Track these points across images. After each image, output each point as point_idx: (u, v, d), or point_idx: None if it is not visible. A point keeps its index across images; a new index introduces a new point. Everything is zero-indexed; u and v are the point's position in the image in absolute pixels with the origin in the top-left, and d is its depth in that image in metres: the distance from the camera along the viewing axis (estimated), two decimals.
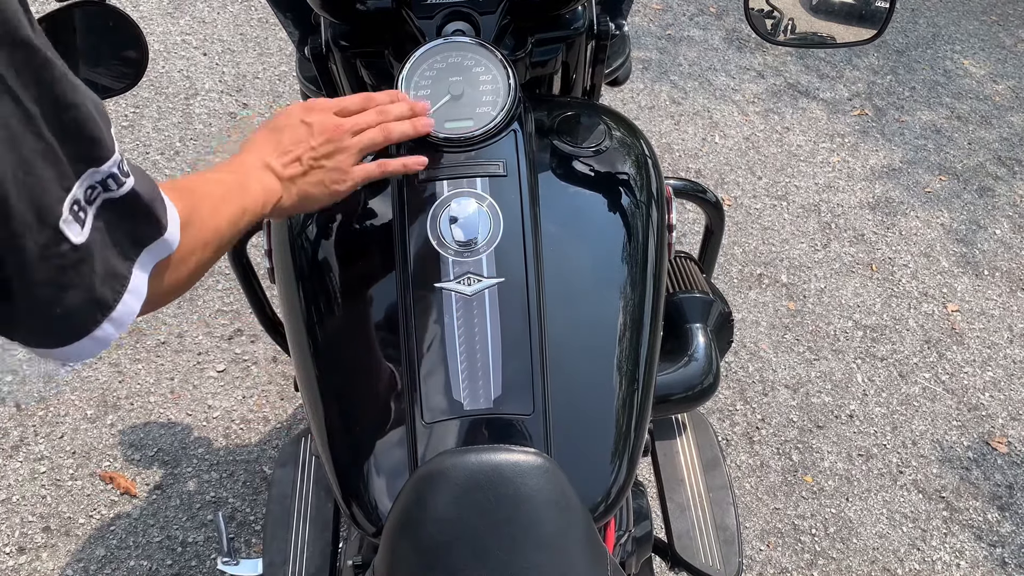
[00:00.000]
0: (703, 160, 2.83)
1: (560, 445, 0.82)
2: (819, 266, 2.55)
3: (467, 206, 0.88)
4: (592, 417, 0.86)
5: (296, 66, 1.38)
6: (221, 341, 1.99)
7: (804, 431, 2.09)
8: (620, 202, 0.96)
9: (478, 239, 0.86)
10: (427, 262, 0.86)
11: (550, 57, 1.10)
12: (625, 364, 0.88)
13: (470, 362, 0.84)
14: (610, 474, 0.85)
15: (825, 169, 2.91)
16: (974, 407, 2.23)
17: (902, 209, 2.81)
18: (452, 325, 0.85)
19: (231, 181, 0.74)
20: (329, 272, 0.93)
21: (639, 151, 1.03)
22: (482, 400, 0.82)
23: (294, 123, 0.83)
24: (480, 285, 0.86)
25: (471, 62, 0.94)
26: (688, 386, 1.14)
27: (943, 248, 2.70)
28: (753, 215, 2.67)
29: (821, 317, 2.39)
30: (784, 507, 1.92)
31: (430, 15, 0.99)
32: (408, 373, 0.83)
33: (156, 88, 2.63)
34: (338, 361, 0.89)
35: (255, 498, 1.70)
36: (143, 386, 1.89)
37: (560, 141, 0.96)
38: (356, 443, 0.86)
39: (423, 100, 0.92)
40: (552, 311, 0.86)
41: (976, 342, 2.41)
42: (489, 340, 0.84)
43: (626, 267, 0.92)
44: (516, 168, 0.90)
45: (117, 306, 0.54)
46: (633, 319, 0.90)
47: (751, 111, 3.11)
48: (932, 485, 2.03)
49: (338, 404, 0.88)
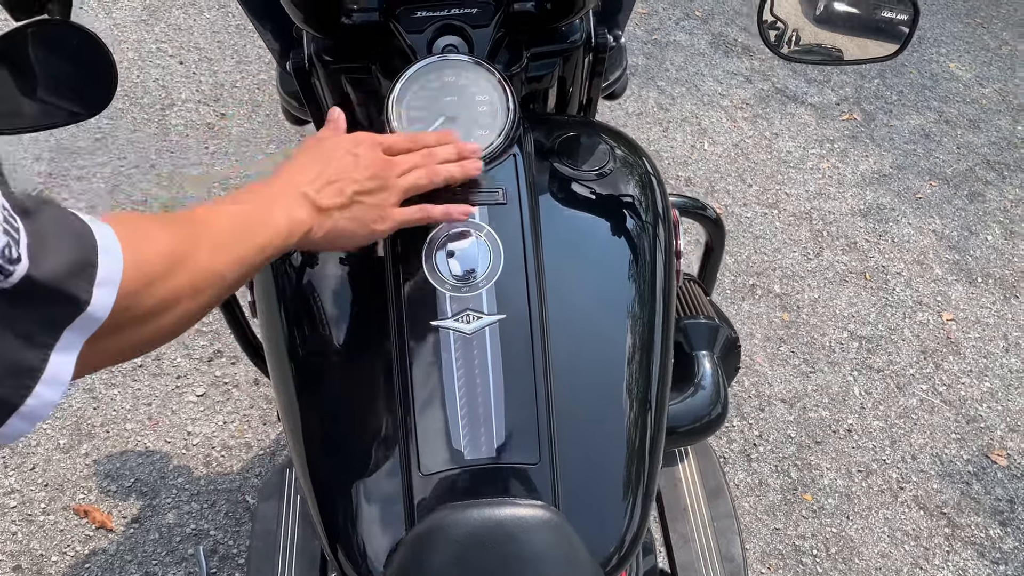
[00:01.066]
0: (693, 168, 2.79)
1: (568, 496, 0.76)
2: (812, 275, 2.51)
3: (465, 237, 0.82)
4: (602, 463, 0.80)
5: (276, 80, 1.31)
6: (200, 363, 1.91)
7: (802, 447, 2.04)
8: (626, 229, 0.90)
9: (477, 273, 0.80)
10: (422, 298, 0.80)
11: (546, 72, 1.04)
12: (635, 404, 0.82)
13: (470, 407, 0.78)
14: (623, 524, 0.79)
15: (815, 176, 2.87)
16: (972, 419, 2.19)
17: (894, 216, 2.78)
18: (451, 367, 0.79)
19: (248, 212, 0.67)
20: (315, 307, 0.87)
21: (644, 172, 0.97)
22: (484, 449, 0.76)
23: (341, 153, 0.77)
24: (480, 323, 0.80)
25: (466, 81, 0.88)
26: (696, 417, 1.09)
27: (936, 255, 2.67)
28: (744, 224, 2.63)
29: (816, 328, 2.35)
30: (784, 527, 1.87)
31: (420, 29, 0.93)
32: (403, 419, 0.77)
33: (131, 98, 2.55)
34: (326, 404, 0.83)
35: (238, 529, 1.63)
36: (119, 412, 1.81)
37: (561, 164, 0.91)
38: (346, 493, 0.80)
39: (416, 124, 0.86)
40: (557, 349, 0.80)
41: (972, 351, 2.38)
42: (491, 382, 0.78)
43: (635, 300, 0.86)
44: (516, 195, 0.84)
45: (25, 402, 0.46)
46: (643, 355, 0.84)
47: (739, 117, 3.06)
48: (933, 501, 1.99)
49: (326, 451, 0.82)
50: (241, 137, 2.50)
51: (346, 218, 0.75)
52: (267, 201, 0.70)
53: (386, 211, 0.77)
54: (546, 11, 0.94)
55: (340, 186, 0.74)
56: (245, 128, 2.54)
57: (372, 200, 0.76)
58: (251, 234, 0.66)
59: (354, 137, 0.79)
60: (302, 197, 0.72)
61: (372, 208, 0.76)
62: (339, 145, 0.77)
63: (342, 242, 0.77)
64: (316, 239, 0.74)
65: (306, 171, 0.74)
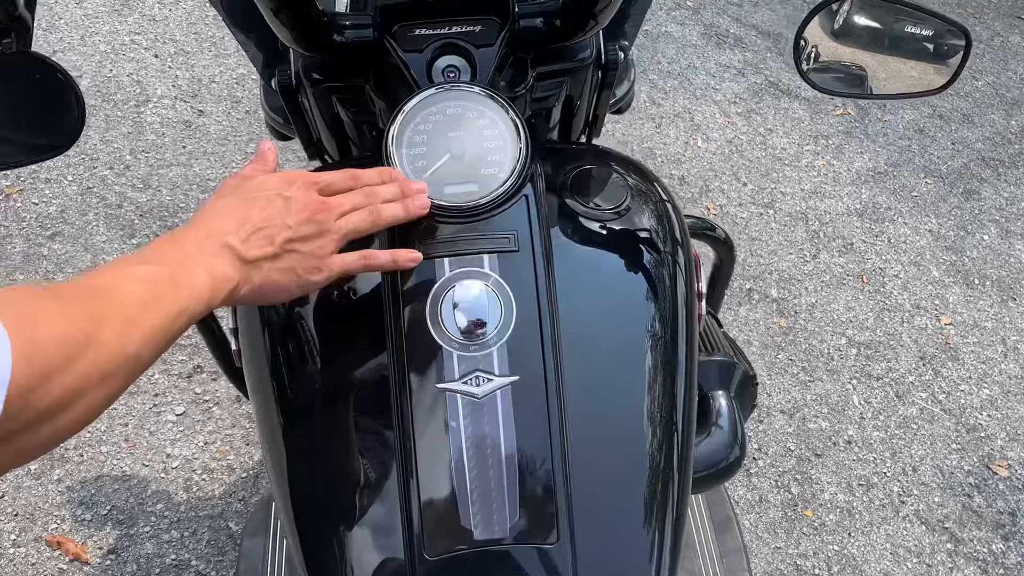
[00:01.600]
0: (687, 166, 2.72)
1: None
2: (809, 278, 2.45)
3: (472, 289, 0.74)
4: (626, 540, 0.73)
5: (261, 94, 1.22)
6: (179, 380, 1.82)
7: (802, 460, 1.99)
8: (647, 273, 0.82)
9: (487, 329, 0.73)
10: (427, 357, 0.73)
11: (553, 92, 0.97)
12: (660, 470, 0.76)
13: (482, 480, 0.71)
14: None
15: (811, 174, 2.81)
16: (972, 428, 2.15)
17: (889, 215, 2.73)
18: (459, 435, 0.72)
19: (161, 275, 0.58)
20: (308, 365, 0.79)
21: (661, 205, 0.90)
22: (497, 528, 0.70)
23: (269, 195, 0.68)
24: (491, 385, 0.72)
25: (473, 114, 0.80)
26: (712, 462, 1.02)
27: (932, 256, 2.62)
28: (740, 225, 2.56)
29: (814, 334, 2.30)
30: (785, 545, 1.82)
31: (419, 48, 0.85)
32: (406, 495, 0.70)
33: (103, 94, 2.43)
34: (319, 475, 0.75)
35: (221, 559, 1.56)
36: (93, 435, 1.72)
37: (576, 203, 0.83)
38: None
39: (419, 161, 0.78)
40: (575, 413, 0.73)
41: (971, 357, 2.33)
42: (503, 452, 0.72)
43: (657, 354, 0.79)
44: (529, 241, 0.77)
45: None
46: (667, 416, 0.77)
47: (733, 112, 2.99)
48: (935, 515, 1.95)
49: (321, 531, 0.74)
50: (220, 136, 2.40)
51: (277, 269, 0.67)
52: (183, 258, 0.61)
53: (323, 260, 0.69)
54: (555, 29, 0.86)
55: (269, 234, 0.66)
56: (224, 126, 2.43)
57: (307, 248, 0.68)
58: (166, 301, 0.57)
59: (284, 176, 0.70)
60: (225, 249, 0.63)
61: (307, 257, 0.68)
62: (267, 185, 0.68)
63: (274, 296, 0.69)
64: (243, 295, 0.65)
65: (228, 217, 0.65)
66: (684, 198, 2.59)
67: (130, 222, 2.10)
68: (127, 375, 0.55)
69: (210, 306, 0.61)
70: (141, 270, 0.58)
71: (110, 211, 2.12)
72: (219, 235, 0.64)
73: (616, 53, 0.98)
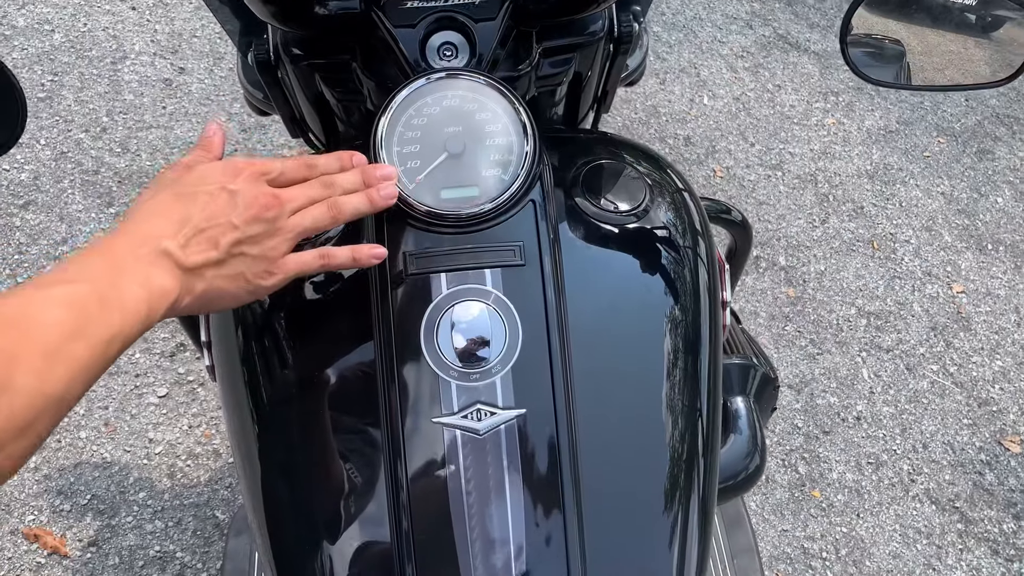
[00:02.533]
0: (692, 125, 2.60)
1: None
2: (818, 245, 2.36)
3: (473, 309, 0.66)
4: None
5: (237, 67, 1.11)
6: (162, 359, 1.74)
7: (810, 438, 1.93)
8: (669, 287, 0.73)
9: (489, 355, 0.65)
10: (421, 388, 0.65)
11: (561, 70, 0.86)
12: (683, 515, 0.68)
13: (483, 527, 0.64)
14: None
15: (820, 133, 2.70)
16: (984, 402, 2.09)
17: (901, 177, 2.63)
18: (458, 477, 0.64)
19: (85, 297, 0.49)
20: (290, 389, 0.70)
21: (680, 199, 0.80)
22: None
23: (212, 189, 0.58)
24: (494, 420, 0.65)
25: (474, 105, 0.71)
26: (731, 474, 0.95)
27: (945, 220, 2.53)
28: (747, 188, 2.46)
29: (823, 304, 2.22)
30: (792, 528, 1.77)
31: (411, 23, 0.74)
32: (399, 543, 0.63)
33: (77, 51, 2.29)
34: (303, 520, 0.67)
35: (207, 550, 1.49)
36: (71, 419, 1.64)
37: (589, 205, 0.73)
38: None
39: (412, 161, 0.68)
40: (589, 450, 0.65)
41: (983, 327, 2.26)
42: (508, 495, 0.64)
43: (679, 381, 0.70)
44: (537, 253, 0.68)
45: None
46: (689, 452, 0.69)
47: (740, 67, 2.87)
48: (945, 494, 1.89)
49: None
50: (203, 95, 2.27)
51: (223, 276, 0.58)
52: (113, 272, 0.52)
53: (275, 262, 0.60)
54: (564, 0, 0.76)
55: (212, 236, 0.57)
56: (207, 84, 2.30)
57: (256, 250, 0.59)
58: (95, 326, 0.49)
59: (229, 165, 0.60)
60: (162, 256, 0.54)
61: (257, 260, 0.59)
62: (209, 177, 0.59)
63: (219, 305, 0.60)
64: (184, 307, 0.56)
65: (165, 218, 0.56)
66: (689, 160, 2.49)
67: (108, 189, 1.99)
68: (52, 418, 0.47)
69: (147, 325, 0.53)
70: (61, 292, 0.49)
71: (86, 178, 2.01)
72: (155, 240, 0.55)
73: (630, 24, 0.88)
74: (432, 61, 0.75)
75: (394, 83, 0.77)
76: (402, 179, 0.68)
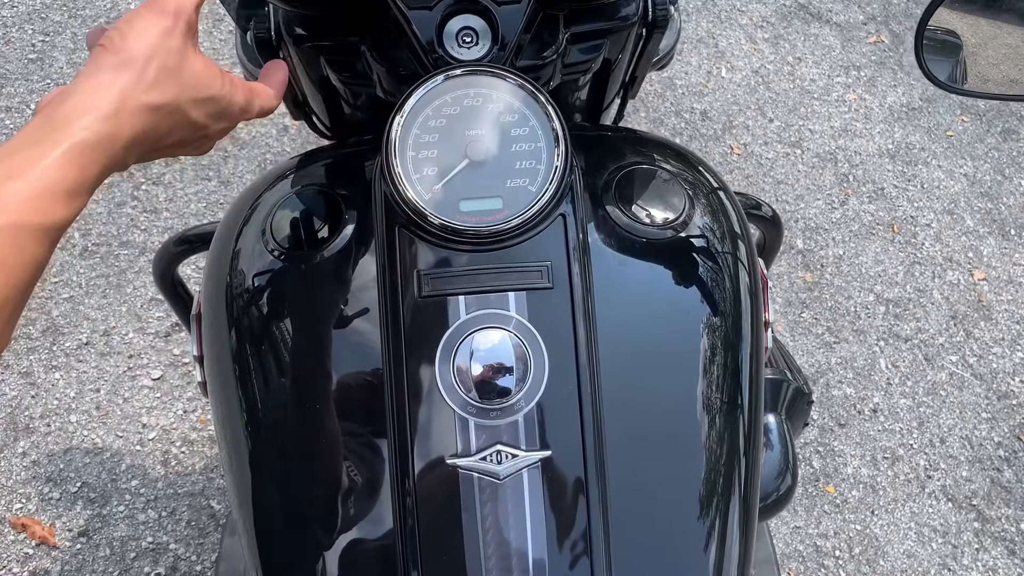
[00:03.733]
0: (709, 99, 2.51)
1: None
2: (836, 227, 2.29)
3: (494, 337, 0.59)
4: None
5: (236, 42, 1.03)
6: (156, 339, 1.67)
7: (825, 431, 1.87)
8: (711, 310, 0.66)
9: (511, 389, 0.58)
10: (435, 426, 0.59)
11: (589, 57, 0.78)
12: (721, 568, 0.61)
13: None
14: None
15: (841, 109, 2.61)
16: (1004, 395, 2.02)
17: (923, 157, 2.54)
18: (475, 526, 0.58)
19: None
20: (290, 424, 0.63)
21: (721, 208, 0.73)
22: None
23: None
24: (516, 463, 0.58)
25: (499, 106, 0.63)
26: (761, 496, 0.88)
27: (967, 204, 2.44)
28: (765, 166, 2.38)
29: (840, 290, 2.14)
30: (805, 525, 1.72)
31: (427, 5, 0.67)
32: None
33: (69, 9, 2.19)
34: (306, 564, 0.61)
35: (202, 542, 1.44)
36: (62, 402, 1.57)
37: (624, 216, 0.66)
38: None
39: (428, 168, 0.61)
40: (620, 496, 0.59)
41: (1004, 316, 2.19)
42: (530, 547, 0.58)
43: (719, 416, 0.64)
44: (566, 274, 0.61)
45: None
46: (727, 501, 0.63)
47: (759, 38, 2.76)
48: (962, 491, 1.84)
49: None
50: None
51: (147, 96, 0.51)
52: (36, 140, 0.46)
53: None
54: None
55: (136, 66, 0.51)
56: (206, 47, 2.20)
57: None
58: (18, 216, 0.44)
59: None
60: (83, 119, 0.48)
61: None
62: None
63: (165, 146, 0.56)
64: (120, 149, 0.50)
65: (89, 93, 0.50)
66: (706, 136, 2.40)
67: None
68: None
69: (81, 188, 0.47)
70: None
71: None
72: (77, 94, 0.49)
73: (666, 7, 0.80)
74: (450, 48, 0.67)
75: (407, 70, 0.70)
76: (417, 188, 0.60)
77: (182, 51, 0.53)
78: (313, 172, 0.73)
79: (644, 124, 2.40)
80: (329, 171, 0.73)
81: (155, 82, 0.51)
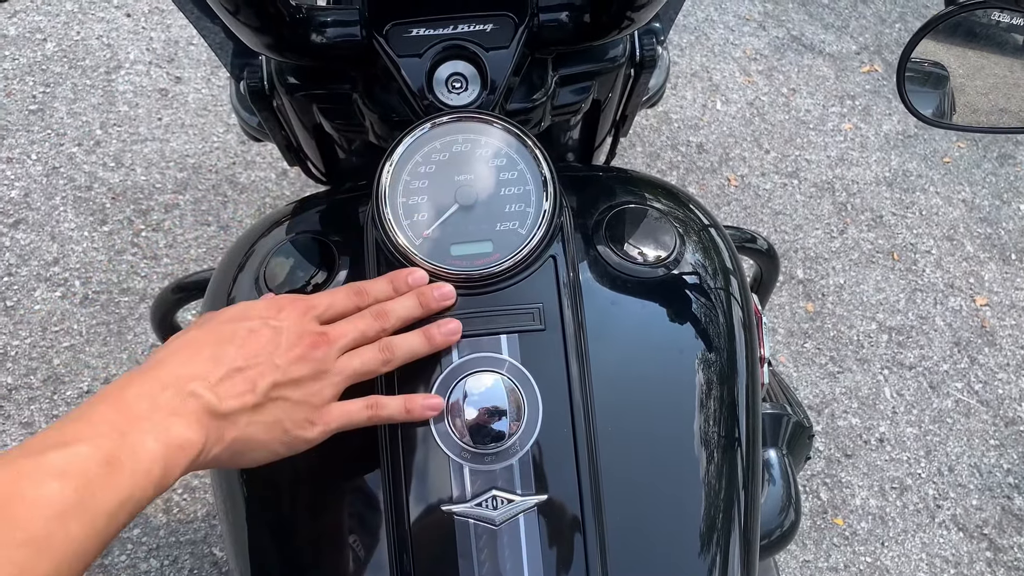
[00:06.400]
0: (705, 132, 2.52)
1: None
2: (836, 257, 2.29)
3: (487, 380, 0.59)
4: None
5: (231, 91, 1.05)
6: None
7: (832, 462, 1.85)
8: (705, 348, 0.66)
9: (505, 433, 0.58)
10: (429, 471, 0.58)
11: (580, 98, 0.79)
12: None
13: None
14: None
15: (837, 139, 2.62)
16: (1011, 421, 2.01)
17: (920, 184, 2.55)
18: (472, 573, 0.57)
19: (87, 464, 0.41)
20: (283, 472, 0.63)
21: (710, 241, 0.73)
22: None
23: (253, 325, 0.52)
24: (511, 508, 0.58)
25: (487, 151, 0.63)
26: (764, 532, 0.88)
27: (967, 229, 2.45)
28: (763, 197, 2.38)
29: (842, 320, 2.14)
30: (815, 559, 1.69)
31: (417, 52, 0.67)
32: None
33: (70, 60, 2.22)
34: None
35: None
36: None
37: (615, 256, 0.66)
38: None
39: (418, 214, 0.61)
40: (618, 539, 0.58)
41: (1008, 341, 2.18)
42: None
43: (717, 455, 0.63)
44: (558, 316, 0.61)
45: None
46: (726, 544, 0.62)
47: (753, 70, 2.78)
48: (973, 520, 1.82)
49: None
50: (200, 105, 2.20)
51: (258, 424, 0.51)
52: (127, 424, 0.44)
53: (318, 411, 0.53)
54: (583, 26, 0.69)
55: (251, 376, 0.50)
56: (204, 94, 2.23)
57: (299, 394, 0.52)
58: (98, 498, 0.41)
59: (276, 301, 0.54)
60: (188, 400, 0.47)
61: (298, 406, 0.52)
62: (250, 312, 0.53)
63: (251, 458, 0.52)
64: (211, 459, 0.49)
65: (195, 356, 0.49)
66: (703, 168, 2.41)
67: (101, 206, 1.92)
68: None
69: (162, 487, 0.45)
70: (58, 459, 0.41)
71: (79, 194, 1.94)
72: (181, 382, 0.47)
73: (653, 48, 0.81)
74: (440, 94, 0.68)
75: (399, 116, 0.70)
76: (408, 233, 0.61)
77: None
78: (307, 218, 0.73)
79: (640, 158, 2.41)
80: (323, 217, 0.73)
81: None
